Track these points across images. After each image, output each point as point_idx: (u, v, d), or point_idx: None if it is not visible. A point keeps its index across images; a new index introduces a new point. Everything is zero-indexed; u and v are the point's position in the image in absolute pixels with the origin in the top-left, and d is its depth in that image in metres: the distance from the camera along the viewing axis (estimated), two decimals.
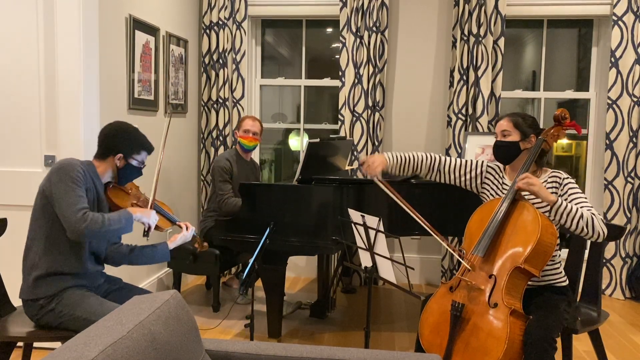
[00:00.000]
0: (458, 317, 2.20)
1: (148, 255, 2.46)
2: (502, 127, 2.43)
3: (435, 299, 2.36)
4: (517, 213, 2.29)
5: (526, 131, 2.40)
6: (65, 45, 2.96)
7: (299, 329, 3.56)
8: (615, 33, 4.21)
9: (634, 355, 3.25)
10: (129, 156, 2.36)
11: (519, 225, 2.26)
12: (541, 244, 2.20)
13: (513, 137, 2.40)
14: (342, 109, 4.49)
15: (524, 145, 2.40)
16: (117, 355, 1.17)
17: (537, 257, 2.22)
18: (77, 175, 2.17)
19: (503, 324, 2.11)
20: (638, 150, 4.26)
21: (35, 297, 2.20)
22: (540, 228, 2.20)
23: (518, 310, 2.16)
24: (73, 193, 2.14)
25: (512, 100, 4.79)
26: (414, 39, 4.57)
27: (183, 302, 1.54)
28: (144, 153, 2.40)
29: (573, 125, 2.47)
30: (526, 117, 2.44)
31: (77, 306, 2.20)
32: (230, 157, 3.84)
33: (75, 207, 2.12)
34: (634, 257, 4.35)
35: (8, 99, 3.05)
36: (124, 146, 2.34)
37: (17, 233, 3.02)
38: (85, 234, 2.11)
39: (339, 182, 3.14)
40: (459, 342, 2.18)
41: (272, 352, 1.67)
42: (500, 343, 2.08)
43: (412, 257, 4.67)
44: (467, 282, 2.27)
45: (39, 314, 2.21)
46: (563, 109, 2.45)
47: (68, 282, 2.24)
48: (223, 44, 4.58)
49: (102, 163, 2.35)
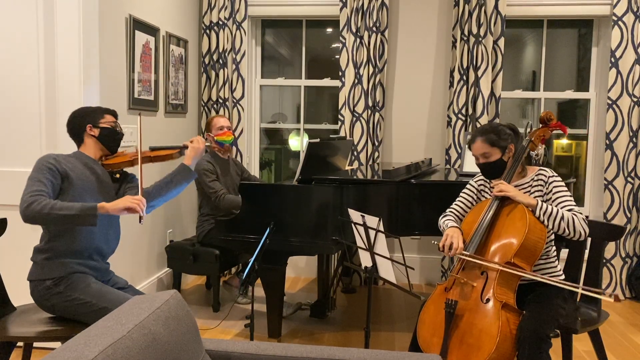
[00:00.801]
0: (452, 314, 2.24)
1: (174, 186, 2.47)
2: (480, 150, 2.43)
3: (431, 299, 2.41)
4: (506, 211, 2.38)
5: (504, 145, 2.42)
6: (65, 45, 2.96)
7: (299, 329, 3.56)
8: (615, 33, 4.21)
9: (634, 355, 3.25)
10: (97, 122, 2.41)
11: (507, 222, 2.34)
12: (529, 239, 2.27)
13: (494, 155, 2.42)
14: (342, 109, 4.49)
15: (507, 157, 2.45)
16: (117, 355, 1.17)
17: (526, 251, 2.28)
18: (43, 165, 2.22)
19: (495, 318, 2.15)
20: (638, 150, 4.26)
21: (43, 277, 2.24)
22: (528, 223, 2.27)
23: (510, 304, 2.21)
24: (31, 180, 2.18)
25: (512, 101, 4.79)
26: (414, 39, 4.57)
27: (183, 302, 1.54)
28: (108, 115, 2.46)
29: (558, 126, 2.55)
30: (498, 131, 2.42)
31: (87, 291, 2.23)
32: (209, 159, 3.85)
33: (27, 190, 2.15)
34: (634, 257, 4.35)
35: (8, 99, 3.05)
36: (86, 118, 2.41)
37: (17, 233, 3.03)
38: (27, 214, 2.10)
39: (339, 182, 3.14)
40: (454, 339, 2.22)
41: (272, 352, 1.67)
42: (492, 338, 2.11)
43: (412, 257, 4.67)
44: (461, 280, 2.33)
45: (47, 294, 2.24)
46: (548, 111, 2.54)
47: (75, 267, 2.28)
48: (223, 44, 4.58)
49: (85, 146, 2.42)
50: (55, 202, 2.12)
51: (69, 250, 2.28)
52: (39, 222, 2.14)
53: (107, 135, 2.43)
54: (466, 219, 2.49)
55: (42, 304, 2.28)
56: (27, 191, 2.15)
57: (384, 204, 3.19)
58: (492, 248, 2.33)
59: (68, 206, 2.12)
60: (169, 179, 2.48)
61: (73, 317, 2.26)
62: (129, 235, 3.66)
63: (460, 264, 2.40)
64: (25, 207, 2.10)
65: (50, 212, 2.09)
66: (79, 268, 2.29)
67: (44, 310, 2.30)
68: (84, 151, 2.42)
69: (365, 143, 4.49)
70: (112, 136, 2.45)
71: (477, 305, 2.23)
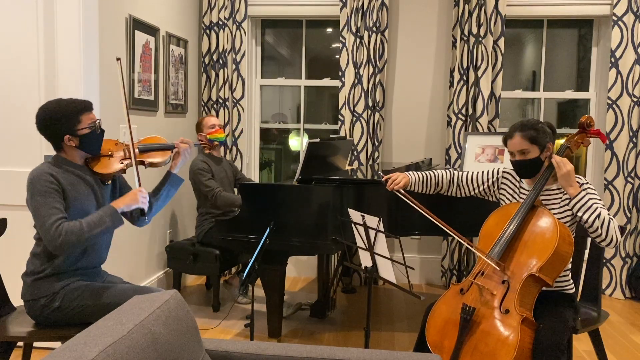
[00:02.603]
0: (468, 320, 2.16)
1: (166, 195, 2.46)
2: (519, 146, 2.33)
3: (444, 300, 2.32)
4: (535, 219, 2.26)
5: (543, 143, 2.33)
6: (65, 45, 2.96)
7: (299, 329, 3.56)
8: (615, 33, 4.21)
9: (634, 355, 3.25)
10: (75, 130, 2.18)
11: (536, 233, 2.23)
12: (558, 253, 2.17)
13: (533, 153, 2.32)
14: (342, 109, 4.49)
15: (544, 156, 2.34)
16: (117, 355, 1.17)
17: (552, 266, 2.19)
18: (45, 186, 2.09)
19: (514, 331, 2.07)
20: (638, 150, 4.26)
21: (36, 296, 2.19)
22: (559, 237, 2.17)
23: (529, 318, 2.13)
24: (44, 207, 2.07)
25: (512, 101, 4.79)
26: (414, 39, 4.57)
27: (183, 302, 1.54)
28: (84, 115, 2.20)
29: (597, 134, 2.42)
30: (537, 127, 2.33)
31: (84, 296, 2.19)
32: (204, 159, 3.87)
33: (48, 221, 2.05)
34: (634, 257, 4.35)
35: (8, 99, 3.04)
36: (62, 127, 2.16)
37: (17, 233, 3.03)
38: (64, 248, 2.05)
39: (339, 182, 3.14)
40: (467, 345, 2.14)
41: (272, 352, 1.67)
42: (510, 350, 2.04)
43: (412, 257, 4.67)
44: (480, 286, 2.23)
45: (43, 313, 2.19)
46: (589, 116, 2.41)
47: (68, 279, 2.23)
48: (223, 44, 4.58)
49: (65, 152, 2.23)
50: (81, 225, 2.09)
51: (60, 270, 2.22)
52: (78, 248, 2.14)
53: (89, 141, 2.22)
54: (489, 220, 2.38)
55: (42, 323, 2.22)
56: (47, 222, 2.05)
57: (384, 204, 3.19)
58: (517, 257, 2.23)
59: (95, 222, 2.12)
60: (163, 193, 2.46)
61: (80, 322, 2.22)
62: (129, 235, 3.66)
63: (480, 267, 2.30)
64: (60, 243, 2.04)
65: (84, 236, 2.08)
66: (72, 279, 2.23)
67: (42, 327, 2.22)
68: (67, 157, 2.24)
69: (365, 143, 4.49)
70: (93, 140, 2.24)
71: (496, 314, 2.14)
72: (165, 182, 2.48)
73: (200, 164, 3.82)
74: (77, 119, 2.18)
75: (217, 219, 3.27)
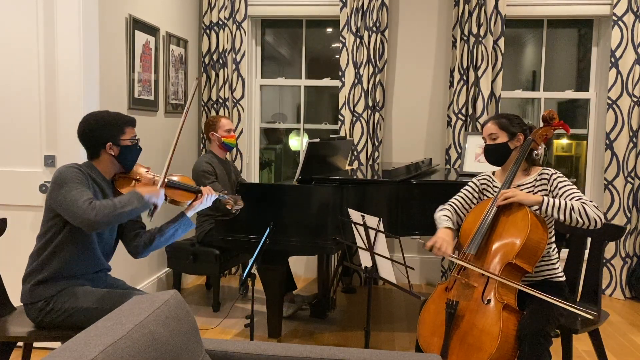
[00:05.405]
0: (452, 314, 2.24)
1: (171, 235, 2.38)
2: (489, 131, 2.50)
3: (432, 299, 2.40)
4: (509, 211, 2.37)
5: (513, 131, 2.48)
6: (65, 45, 2.96)
7: (299, 329, 3.56)
8: (615, 33, 4.21)
9: (634, 355, 3.25)
10: (118, 139, 2.26)
11: (509, 223, 2.34)
12: (531, 239, 2.27)
13: (501, 138, 2.48)
14: (342, 109, 4.49)
15: (513, 144, 2.49)
16: (117, 355, 1.17)
17: (528, 252, 2.28)
18: (76, 175, 2.15)
19: (496, 319, 2.15)
20: (638, 150, 4.26)
21: (34, 300, 2.20)
22: (530, 224, 2.27)
23: (511, 305, 2.20)
24: (74, 191, 2.10)
25: (512, 100, 4.79)
26: (414, 39, 4.57)
27: (183, 302, 1.54)
28: (129, 129, 2.30)
29: (561, 125, 2.54)
30: (511, 117, 2.51)
31: (78, 298, 2.19)
32: (209, 160, 3.84)
33: (80, 200, 2.08)
34: (634, 257, 4.35)
35: (8, 99, 3.04)
36: (107, 134, 2.25)
37: (17, 233, 3.03)
38: (99, 221, 2.06)
39: (339, 182, 3.14)
40: (454, 339, 2.22)
41: (272, 352, 1.67)
42: (494, 339, 2.12)
43: (412, 257, 4.67)
44: (462, 280, 2.33)
45: (40, 315, 2.21)
46: (551, 109, 2.54)
47: (65, 283, 2.23)
48: (223, 44, 4.58)
49: (99, 161, 2.29)
50: (113, 201, 2.11)
51: (57, 274, 2.22)
52: (110, 224, 2.12)
53: (127, 154, 2.30)
54: (467, 218, 2.49)
55: (40, 325, 2.23)
56: (79, 200, 2.07)
57: (384, 204, 3.19)
58: (493, 248, 2.33)
59: (125, 201, 2.13)
60: (170, 231, 2.38)
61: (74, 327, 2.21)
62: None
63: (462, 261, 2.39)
64: (95, 215, 2.05)
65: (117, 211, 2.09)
66: (72, 282, 2.24)
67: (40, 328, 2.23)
68: (98, 167, 2.30)
69: (365, 143, 4.49)
70: (131, 155, 2.31)
71: (478, 305, 2.23)
72: (176, 222, 2.40)
73: (204, 165, 3.78)
74: (122, 130, 2.28)
75: (217, 220, 3.27)
